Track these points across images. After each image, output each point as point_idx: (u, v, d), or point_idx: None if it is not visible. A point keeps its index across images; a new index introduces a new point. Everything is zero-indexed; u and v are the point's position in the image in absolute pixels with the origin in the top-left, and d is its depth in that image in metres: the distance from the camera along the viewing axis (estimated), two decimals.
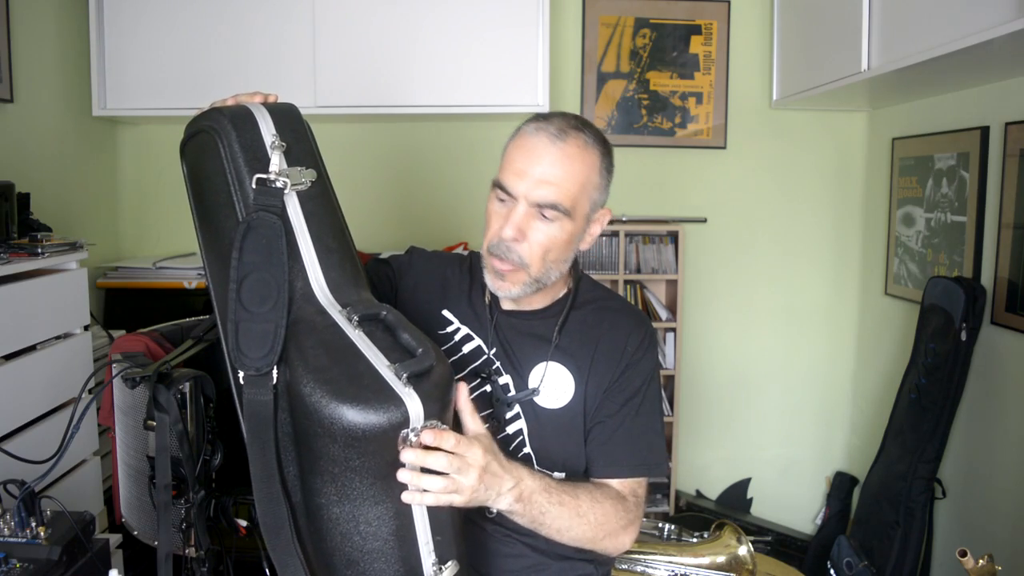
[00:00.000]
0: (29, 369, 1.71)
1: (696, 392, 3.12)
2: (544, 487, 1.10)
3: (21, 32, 2.30)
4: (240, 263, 0.92)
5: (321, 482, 0.91)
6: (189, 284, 2.63)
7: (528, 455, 1.22)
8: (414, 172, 3.01)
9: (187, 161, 1.07)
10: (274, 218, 0.94)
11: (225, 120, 0.99)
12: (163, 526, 1.05)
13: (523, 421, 1.22)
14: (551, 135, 1.14)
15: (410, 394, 0.89)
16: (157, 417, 1.06)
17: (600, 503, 1.16)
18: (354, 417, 0.86)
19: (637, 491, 1.24)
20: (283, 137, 1.00)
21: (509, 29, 2.63)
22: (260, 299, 0.91)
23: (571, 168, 1.13)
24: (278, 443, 0.91)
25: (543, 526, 1.11)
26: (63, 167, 2.56)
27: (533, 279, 1.17)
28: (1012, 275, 2.18)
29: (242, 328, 0.91)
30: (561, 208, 1.13)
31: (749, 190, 3.07)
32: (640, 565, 1.92)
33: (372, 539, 0.92)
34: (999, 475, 2.25)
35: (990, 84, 2.29)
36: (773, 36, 2.94)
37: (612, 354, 1.23)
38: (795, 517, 3.15)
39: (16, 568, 1.09)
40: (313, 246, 0.99)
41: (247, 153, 0.97)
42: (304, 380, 0.88)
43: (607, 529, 1.16)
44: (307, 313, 0.95)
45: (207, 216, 1.02)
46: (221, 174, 0.98)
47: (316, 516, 0.93)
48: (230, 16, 2.61)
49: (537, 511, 1.09)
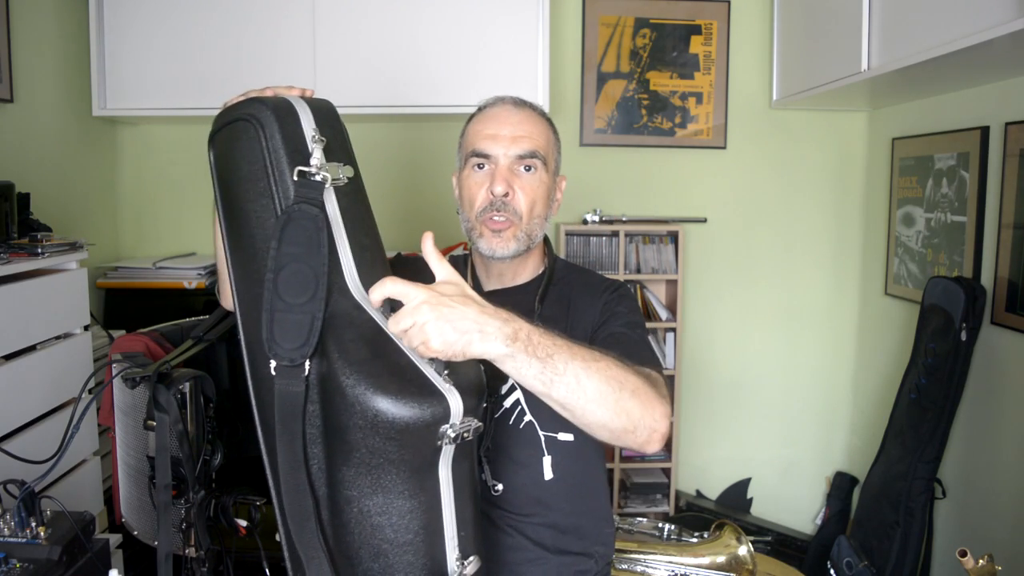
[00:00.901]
0: (29, 369, 1.71)
1: (696, 392, 3.12)
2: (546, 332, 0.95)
3: (21, 32, 2.30)
4: (279, 253, 0.92)
5: (355, 474, 0.92)
6: (189, 284, 2.63)
7: (531, 422, 1.23)
8: (414, 172, 3.01)
9: (217, 149, 1.07)
10: (316, 211, 0.94)
11: (267, 110, 0.99)
12: (163, 526, 1.05)
13: (519, 391, 1.24)
14: (512, 103, 1.30)
15: (451, 390, 0.90)
16: (157, 417, 1.06)
17: (621, 361, 1.01)
18: (399, 411, 0.87)
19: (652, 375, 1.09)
20: (322, 132, 1.01)
21: (509, 29, 2.63)
22: (298, 290, 0.91)
23: (537, 125, 1.28)
24: (305, 435, 0.91)
25: (556, 379, 0.93)
26: (63, 167, 2.56)
27: (524, 233, 1.25)
28: (1012, 275, 2.18)
29: (277, 318, 0.90)
30: (539, 156, 1.25)
31: (749, 190, 3.07)
32: (640, 565, 1.92)
33: (404, 532, 0.94)
34: (999, 475, 2.25)
35: (990, 84, 2.29)
36: (773, 36, 2.94)
37: (591, 304, 1.29)
38: (795, 517, 3.15)
39: (16, 568, 1.09)
40: (348, 242, 0.99)
41: (288, 145, 0.98)
42: (345, 373, 0.89)
43: (634, 387, 0.98)
44: (343, 307, 0.95)
45: (237, 204, 1.02)
46: (260, 163, 0.98)
47: (344, 508, 0.93)
48: (230, 16, 2.61)
49: (543, 352, 0.93)
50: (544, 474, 1.24)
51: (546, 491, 1.25)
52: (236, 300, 1.02)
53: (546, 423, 1.23)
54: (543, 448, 1.24)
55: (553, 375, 0.93)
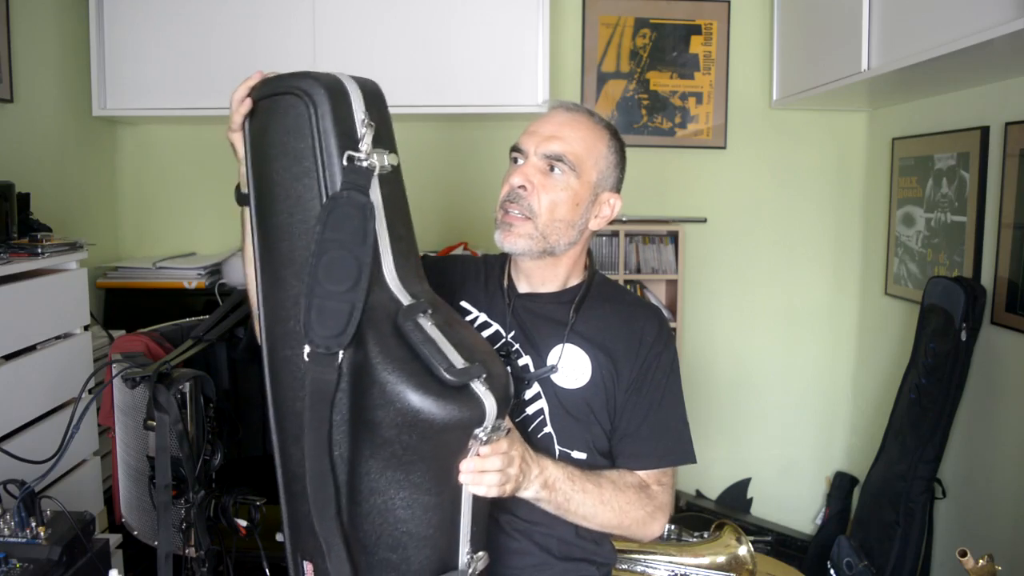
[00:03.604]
0: (29, 369, 1.71)
1: (696, 392, 3.12)
2: (567, 475, 1.16)
3: (21, 32, 2.30)
4: (323, 238, 0.90)
5: (383, 466, 0.92)
6: (189, 284, 2.63)
7: (549, 434, 1.23)
8: (413, 172, 2.99)
9: (254, 122, 1.03)
10: (365, 199, 0.92)
11: (320, 88, 0.96)
12: (163, 526, 1.05)
13: (543, 401, 1.23)
14: (565, 107, 1.29)
15: (487, 395, 0.93)
16: (157, 417, 1.06)
17: (623, 492, 1.22)
18: (439, 411, 0.89)
19: (662, 479, 1.28)
20: (371, 116, 0.98)
21: (509, 29, 2.63)
22: (339, 277, 0.89)
23: (578, 130, 1.25)
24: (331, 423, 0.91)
25: (569, 512, 1.17)
26: (63, 167, 2.56)
27: (540, 233, 1.22)
28: (1012, 275, 2.18)
29: (315, 304, 0.89)
30: (567, 161, 1.22)
31: (749, 190, 3.07)
32: (640, 565, 1.92)
33: (426, 526, 0.95)
34: (999, 475, 2.25)
35: (990, 84, 2.29)
36: (773, 36, 2.94)
37: (629, 347, 1.25)
38: (795, 517, 3.15)
39: (16, 568, 1.09)
40: (388, 233, 0.98)
41: (339, 127, 0.95)
42: (385, 368, 0.89)
43: (632, 517, 1.22)
44: (382, 300, 0.94)
45: (274, 180, 0.99)
46: (307, 142, 0.95)
47: (367, 498, 0.94)
48: (230, 16, 2.60)
49: (562, 497, 1.15)
50: None
51: None
52: (258, 276, 1.01)
53: (564, 440, 1.23)
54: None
55: (567, 512, 1.17)
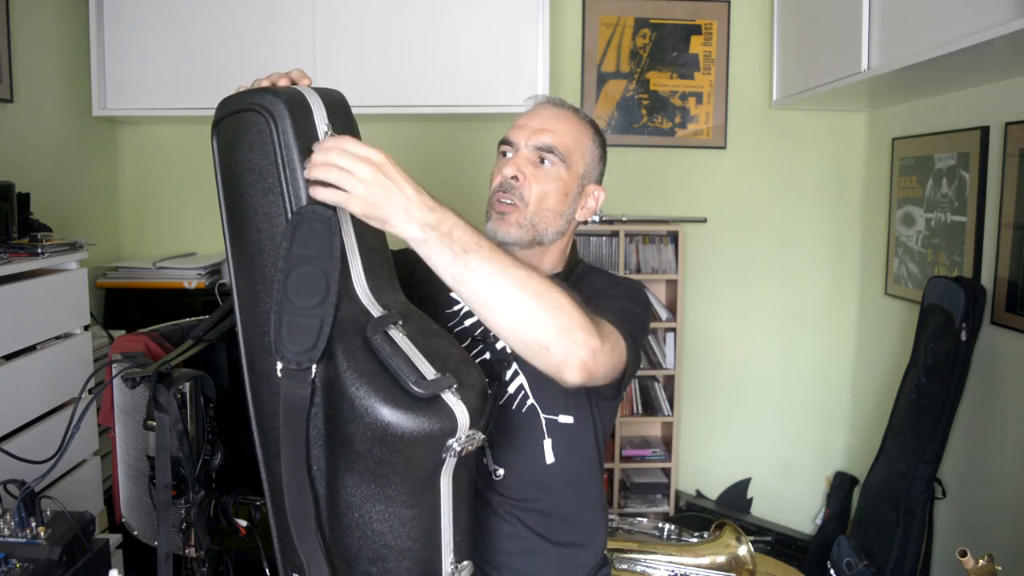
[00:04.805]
0: (29, 369, 1.71)
1: (696, 392, 3.12)
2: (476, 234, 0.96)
3: (21, 32, 2.30)
4: (290, 255, 0.91)
5: (358, 480, 0.92)
6: (189, 284, 2.63)
7: (533, 406, 1.24)
8: (413, 172, 2.99)
9: (221, 138, 1.02)
10: (330, 213, 0.92)
11: (280, 103, 0.95)
12: (163, 526, 1.05)
13: (522, 376, 1.24)
14: (551, 102, 1.33)
15: (459, 405, 0.91)
16: (157, 417, 1.06)
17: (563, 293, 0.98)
18: (409, 424, 0.87)
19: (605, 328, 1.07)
20: (334, 127, 0.98)
21: (509, 29, 2.63)
22: (307, 293, 0.90)
23: (566, 123, 1.30)
24: (308, 438, 0.91)
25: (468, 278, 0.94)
26: (63, 167, 2.56)
27: (529, 222, 1.26)
28: (1012, 275, 2.18)
29: (285, 320, 0.89)
30: (557, 153, 1.27)
31: (749, 190, 3.07)
32: (640, 565, 1.92)
33: (404, 538, 0.94)
34: (999, 475, 2.25)
35: (990, 84, 2.29)
36: (773, 36, 2.94)
37: (591, 292, 1.26)
38: (795, 517, 3.15)
39: (16, 568, 1.10)
40: (357, 245, 0.98)
41: (301, 141, 0.95)
42: (354, 383, 0.89)
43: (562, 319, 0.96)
44: (352, 312, 0.94)
45: (242, 197, 0.99)
46: (270, 158, 0.95)
47: (344, 512, 0.93)
48: (230, 16, 2.61)
49: (459, 248, 0.93)
50: (545, 458, 1.25)
51: (547, 475, 1.26)
52: (235, 293, 1.01)
53: (547, 406, 1.24)
54: (544, 431, 1.25)
55: (464, 269, 0.94)
